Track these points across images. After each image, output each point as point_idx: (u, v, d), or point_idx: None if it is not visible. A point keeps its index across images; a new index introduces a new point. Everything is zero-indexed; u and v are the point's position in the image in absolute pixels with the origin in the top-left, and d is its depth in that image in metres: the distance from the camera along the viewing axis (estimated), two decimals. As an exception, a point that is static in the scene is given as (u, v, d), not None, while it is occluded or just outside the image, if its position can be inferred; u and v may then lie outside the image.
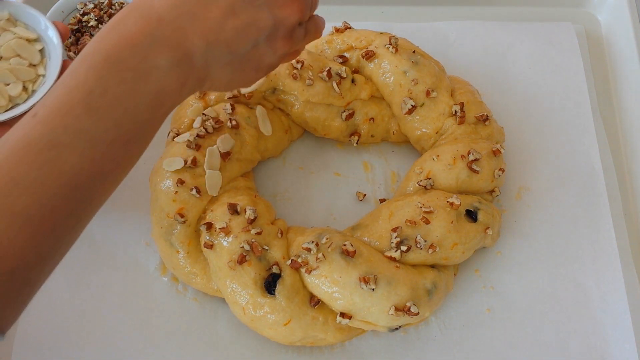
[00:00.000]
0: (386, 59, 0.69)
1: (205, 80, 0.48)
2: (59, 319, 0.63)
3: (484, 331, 0.64)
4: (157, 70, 0.44)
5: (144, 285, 0.66)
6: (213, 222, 0.61)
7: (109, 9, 0.79)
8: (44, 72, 0.63)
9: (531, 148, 0.74)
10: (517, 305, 0.65)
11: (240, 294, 0.59)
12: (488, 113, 0.70)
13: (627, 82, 0.79)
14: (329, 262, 0.58)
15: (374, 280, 0.57)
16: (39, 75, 0.63)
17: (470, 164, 0.65)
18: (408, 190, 0.67)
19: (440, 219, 0.61)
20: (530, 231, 0.69)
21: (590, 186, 0.71)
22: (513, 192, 0.71)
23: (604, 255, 0.68)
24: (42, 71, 0.63)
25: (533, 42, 0.81)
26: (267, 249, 0.60)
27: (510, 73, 0.79)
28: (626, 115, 0.78)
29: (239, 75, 0.50)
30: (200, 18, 0.45)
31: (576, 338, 0.64)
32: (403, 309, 0.58)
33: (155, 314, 0.64)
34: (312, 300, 0.60)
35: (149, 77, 0.43)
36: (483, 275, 0.67)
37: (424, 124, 0.69)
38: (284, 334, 0.59)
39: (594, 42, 0.84)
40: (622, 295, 0.65)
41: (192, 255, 0.63)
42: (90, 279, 0.65)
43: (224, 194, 0.64)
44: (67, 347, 0.62)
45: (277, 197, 0.71)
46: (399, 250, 0.60)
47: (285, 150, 0.74)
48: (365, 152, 0.75)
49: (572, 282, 0.66)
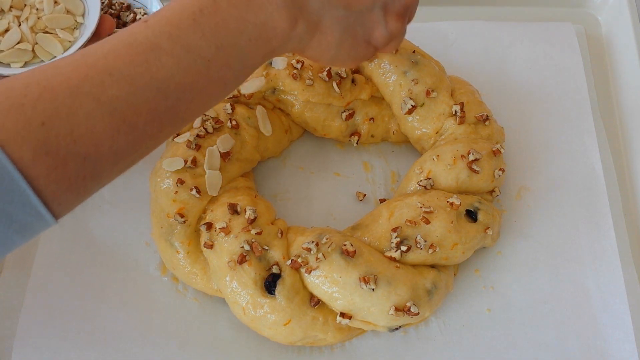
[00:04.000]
0: (386, 59, 0.69)
1: (315, 32, 0.48)
2: (59, 319, 0.63)
3: (484, 331, 0.64)
4: (269, 3, 0.45)
5: (144, 285, 0.66)
6: (213, 222, 0.61)
7: (108, 9, 0.79)
8: (83, 21, 0.67)
9: (531, 148, 0.74)
10: (517, 306, 0.65)
11: (240, 294, 0.59)
12: (488, 113, 0.70)
13: (627, 82, 0.79)
14: (329, 262, 0.58)
15: (374, 280, 0.57)
16: (78, 23, 0.67)
17: (471, 164, 0.65)
18: (408, 190, 0.67)
19: (440, 219, 0.61)
20: (530, 231, 0.69)
21: (591, 186, 0.71)
22: (513, 192, 0.71)
23: (604, 255, 0.68)
24: (81, 20, 0.67)
25: (533, 42, 0.81)
26: (267, 249, 0.60)
27: (510, 73, 0.79)
28: (626, 115, 0.78)
29: (350, 40, 0.51)
30: None
31: (576, 338, 0.64)
32: (403, 309, 0.58)
33: (155, 314, 0.64)
34: (312, 300, 0.60)
35: (259, 8, 0.45)
36: (483, 275, 0.67)
37: (424, 124, 0.69)
38: (284, 334, 0.59)
39: (594, 42, 0.84)
40: (622, 295, 0.65)
41: (192, 255, 0.63)
42: (90, 279, 0.65)
43: (224, 194, 0.64)
44: (67, 347, 0.62)
45: (277, 197, 0.71)
46: (399, 250, 0.60)
47: (285, 150, 0.74)
48: (365, 152, 0.75)
49: (572, 282, 0.66)
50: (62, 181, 0.40)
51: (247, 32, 0.45)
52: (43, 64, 0.64)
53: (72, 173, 0.40)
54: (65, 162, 0.40)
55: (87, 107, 0.40)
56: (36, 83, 0.40)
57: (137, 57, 0.42)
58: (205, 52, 0.44)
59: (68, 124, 0.39)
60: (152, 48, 0.42)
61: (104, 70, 0.41)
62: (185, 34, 0.43)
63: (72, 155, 0.40)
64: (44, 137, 0.39)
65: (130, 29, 0.43)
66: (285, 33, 0.47)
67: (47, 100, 0.39)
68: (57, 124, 0.39)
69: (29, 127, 0.38)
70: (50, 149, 0.39)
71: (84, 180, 0.41)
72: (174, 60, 0.43)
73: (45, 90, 0.39)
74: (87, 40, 0.64)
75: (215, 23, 0.44)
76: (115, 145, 0.42)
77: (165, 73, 0.43)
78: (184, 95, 0.44)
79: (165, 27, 0.43)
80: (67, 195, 0.41)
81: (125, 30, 0.43)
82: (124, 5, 0.79)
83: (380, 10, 0.51)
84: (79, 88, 0.40)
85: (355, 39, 0.51)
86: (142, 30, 0.43)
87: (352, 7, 0.49)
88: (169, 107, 0.44)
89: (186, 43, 0.43)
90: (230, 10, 0.44)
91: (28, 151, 0.38)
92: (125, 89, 0.41)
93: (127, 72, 0.41)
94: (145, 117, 0.42)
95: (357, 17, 0.50)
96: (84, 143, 0.40)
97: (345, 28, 0.49)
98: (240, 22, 0.45)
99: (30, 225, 0.40)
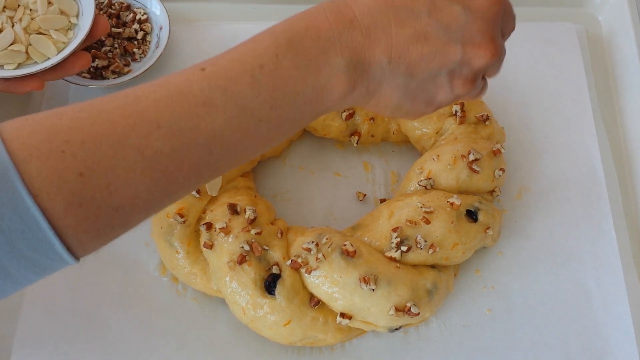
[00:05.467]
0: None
1: (374, 95, 0.47)
2: (59, 319, 0.63)
3: (484, 331, 0.64)
4: (330, 67, 0.43)
5: (144, 285, 0.65)
6: (213, 222, 0.61)
7: (108, 9, 0.78)
8: (77, 22, 0.66)
9: (531, 148, 0.74)
10: (518, 306, 0.65)
11: (240, 294, 0.59)
12: (488, 113, 0.70)
13: (627, 82, 0.79)
14: (329, 263, 0.58)
15: (374, 280, 0.57)
16: (72, 24, 0.66)
17: (471, 164, 0.65)
18: (408, 190, 0.66)
19: (440, 219, 0.61)
20: (531, 231, 0.69)
21: (591, 186, 0.71)
22: (513, 192, 0.71)
23: (604, 255, 0.68)
24: (75, 21, 0.66)
25: (533, 42, 0.81)
26: (267, 249, 0.60)
27: (510, 73, 0.79)
28: (626, 115, 0.78)
29: (409, 102, 0.48)
30: (391, 32, 0.44)
31: (576, 338, 0.64)
32: (403, 309, 0.58)
33: (155, 314, 0.64)
34: (312, 301, 0.60)
35: (321, 71, 0.43)
36: (483, 275, 0.67)
37: (424, 123, 0.69)
38: (283, 335, 0.59)
39: (594, 42, 0.84)
40: (622, 295, 0.65)
41: (192, 255, 0.62)
42: (90, 279, 0.65)
43: (223, 194, 0.64)
44: (67, 347, 0.62)
45: (277, 197, 0.71)
46: (399, 250, 0.60)
47: (285, 150, 0.74)
48: (365, 152, 0.75)
49: (573, 282, 0.66)
50: (91, 231, 0.39)
51: (303, 94, 0.43)
52: (37, 65, 0.63)
53: (103, 223, 0.39)
54: (98, 213, 0.38)
55: (129, 160, 0.38)
56: (81, 129, 0.38)
57: (189, 110, 0.40)
58: (259, 112, 0.42)
59: (106, 176, 0.38)
60: (205, 102, 0.40)
61: (154, 120, 0.39)
62: (241, 90, 0.41)
63: (105, 207, 0.38)
64: (80, 189, 0.37)
65: (186, 75, 0.41)
66: (341, 97, 0.45)
67: (90, 150, 0.37)
68: (96, 175, 0.37)
69: (65, 177, 0.37)
70: (84, 201, 0.37)
71: (112, 230, 0.40)
72: (224, 117, 0.41)
73: (89, 137, 0.38)
74: (81, 42, 0.63)
75: (273, 83, 0.42)
76: (151, 197, 0.40)
77: (214, 129, 0.41)
78: (228, 153, 0.43)
79: (221, 80, 0.41)
80: (93, 243, 0.40)
81: (181, 75, 0.42)
82: (124, 5, 0.79)
83: (445, 76, 0.47)
84: (124, 138, 0.38)
85: (415, 101, 0.48)
86: (198, 80, 0.41)
87: (415, 76, 0.46)
88: (211, 163, 0.42)
89: (241, 102, 0.41)
90: (290, 70, 0.42)
91: (61, 203, 0.37)
92: (171, 143, 0.40)
93: (176, 126, 0.40)
94: (186, 172, 0.41)
95: (419, 84, 0.47)
96: (119, 195, 0.39)
97: (405, 93, 0.47)
98: (299, 84, 0.43)
99: (50, 267, 0.39)
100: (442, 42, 0.45)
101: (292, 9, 0.53)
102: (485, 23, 0.46)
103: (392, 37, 0.44)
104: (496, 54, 0.47)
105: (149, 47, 0.78)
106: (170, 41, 0.77)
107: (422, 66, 0.46)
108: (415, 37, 0.44)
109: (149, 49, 0.78)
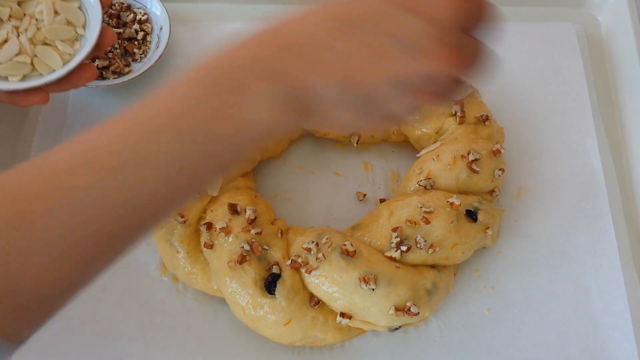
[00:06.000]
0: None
1: (316, 115, 0.44)
2: (59, 319, 0.63)
3: (484, 331, 0.64)
4: (256, 99, 0.41)
5: (144, 285, 0.66)
6: (213, 222, 0.61)
7: (108, 9, 0.78)
8: (83, 33, 0.64)
9: (531, 148, 0.74)
10: (517, 306, 0.65)
11: (240, 294, 0.59)
12: (488, 113, 0.70)
13: (627, 82, 0.79)
14: (329, 262, 0.58)
15: (374, 280, 0.57)
16: (79, 35, 0.65)
17: (471, 164, 0.65)
18: (408, 190, 0.67)
19: (440, 219, 0.61)
20: (530, 231, 0.69)
21: (591, 186, 0.71)
22: (513, 192, 0.72)
23: (604, 255, 0.68)
24: (82, 32, 0.64)
25: (533, 42, 0.81)
26: (267, 249, 0.60)
27: (510, 73, 0.79)
28: (626, 115, 0.78)
29: (362, 119, 0.45)
30: (336, 50, 0.41)
31: (576, 338, 0.64)
32: (403, 309, 0.58)
33: (155, 314, 0.64)
34: (312, 300, 0.60)
35: (243, 105, 0.41)
36: (483, 275, 0.67)
37: (424, 123, 0.69)
38: (284, 334, 0.59)
39: (594, 42, 0.84)
40: (622, 295, 0.65)
41: (192, 255, 0.63)
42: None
43: (224, 194, 0.64)
44: (67, 347, 0.62)
45: (277, 197, 0.71)
46: (399, 250, 0.60)
47: (285, 150, 0.74)
48: (365, 152, 0.75)
49: (572, 282, 0.66)
50: (23, 324, 0.38)
51: (226, 134, 0.41)
52: (42, 78, 0.62)
53: (33, 316, 0.38)
54: (21, 306, 0.37)
55: (51, 249, 0.36)
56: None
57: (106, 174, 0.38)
58: (191, 166, 0.40)
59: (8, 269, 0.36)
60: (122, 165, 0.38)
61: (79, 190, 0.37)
62: (164, 143, 0.39)
63: (26, 301, 0.37)
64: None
65: (106, 133, 0.39)
66: (272, 125, 0.42)
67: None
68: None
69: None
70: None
71: (46, 317, 0.40)
72: (158, 173, 0.39)
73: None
74: (88, 54, 0.62)
75: (197, 130, 0.40)
76: (77, 277, 0.39)
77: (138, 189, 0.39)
78: (155, 203, 0.40)
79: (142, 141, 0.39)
80: (27, 332, 0.39)
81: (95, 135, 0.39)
82: (124, 5, 0.79)
83: (397, 90, 0.43)
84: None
85: (369, 117, 0.45)
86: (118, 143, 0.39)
87: (363, 92, 0.43)
88: (135, 222, 0.40)
89: (169, 159, 0.39)
90: (213, 112, 0.40)
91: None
92: (96, 214, 0.38)
93: (96, 193, 0.37)
94: (114, 237, 0.39)
95: (369, 100, 0.43)
96: (43, 288, 0.37)
97: (355, 111, 0.44)
98: (221, 124, 0.40)
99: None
100: (390, 54, 0.42)
101: (292, 9, 0.53)
102: (435, 28, 0.42)
103: (337, 54, 0.41)
104: (450, 60, 0.42)
105: (149, 47, 0.78)
106: (170, 41, 0.77)
107: (370, 81, 0.42)
108: (360, 52, 0.42)
109: (149, 49, 0.78)
